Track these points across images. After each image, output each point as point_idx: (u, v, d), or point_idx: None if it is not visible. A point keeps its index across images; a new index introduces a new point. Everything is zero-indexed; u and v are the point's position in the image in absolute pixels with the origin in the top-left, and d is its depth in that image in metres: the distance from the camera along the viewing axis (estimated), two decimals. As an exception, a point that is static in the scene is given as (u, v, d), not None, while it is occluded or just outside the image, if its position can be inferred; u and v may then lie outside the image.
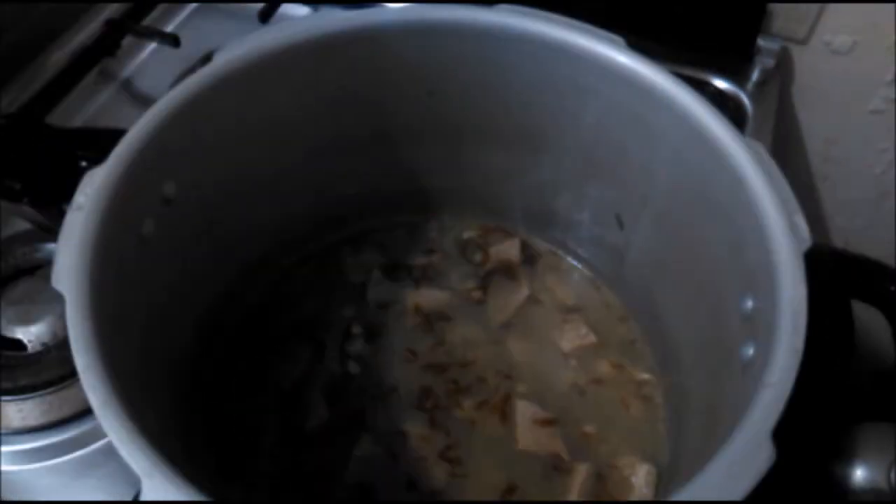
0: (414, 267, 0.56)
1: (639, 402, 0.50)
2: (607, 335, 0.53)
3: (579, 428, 0.49)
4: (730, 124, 0.41)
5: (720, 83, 0.68)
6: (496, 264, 0.56)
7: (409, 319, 0.54)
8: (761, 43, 0.68)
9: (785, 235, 0.37)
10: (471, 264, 0.57)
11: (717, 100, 0.66)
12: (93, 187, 0.37)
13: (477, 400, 0.50)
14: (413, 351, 0.52)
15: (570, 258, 0.57)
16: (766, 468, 0.30)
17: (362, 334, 0.53)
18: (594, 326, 0.53)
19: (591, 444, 0.48)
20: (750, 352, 0.37)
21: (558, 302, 0.55)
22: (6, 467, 0.48)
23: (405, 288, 0.55)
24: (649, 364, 0.52)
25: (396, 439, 0.48)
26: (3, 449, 0.48)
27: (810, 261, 0.36)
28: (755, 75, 0.68)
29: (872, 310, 0.51)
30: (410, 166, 0.55)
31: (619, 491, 0.46)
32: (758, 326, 0.37)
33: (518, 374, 0.51)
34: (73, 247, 0.35)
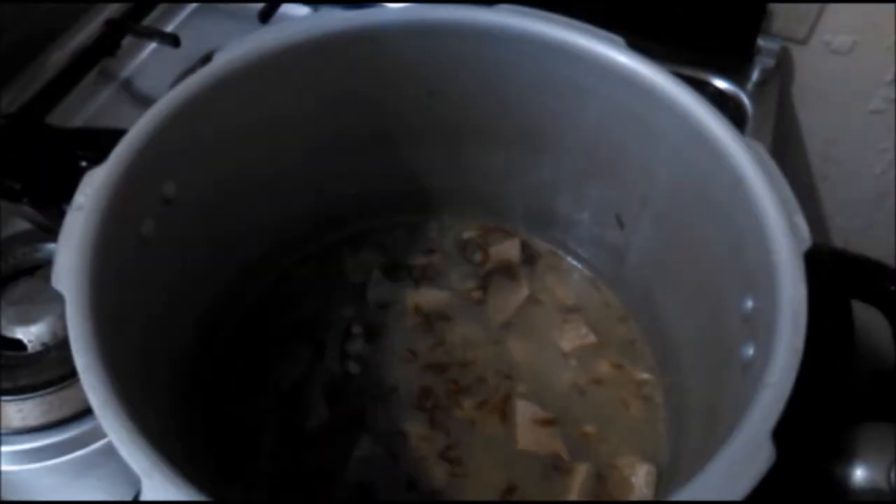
0: (414, 267, 0.56)
1: (639, 402, 0.50)
2: (607, 335, 0.53)
3: (579, 428, 0.49)
4: (730, 124, 0.41)
5: (720, 83, 0.68)
6: (496, 264, 0.56)
7: (409, 319, 0.54)
8: (761, 43, 0.68)
9: (785, 235, 0.37)
10: (471, 264, 0.57)
11: (717, 100, 0.66)
12: (93, 187, 0.37)
13: (477, 400, 0.50)
14: (413, 351, 0.52)
15: (570, 258, 0.57)
16: (766, 468, 0.30)
17: (362, 334, 0.53)
18: (594, 326, 0.53)
19: (591, 444, 0.48)
20: (750, 352, 0.37)
21: (558, 302, 0.55)
22: (6, 467, 0.48)
23: (405, 288, 0.55)
24: (649, 364, 0.52)
25: (396, 439, 0.48)
26: (3, 449, 0.48)
27: (810, 261, 0.36)
28: (755, 75, 0.68)
29: (872, 310, 0.51)
30: (410, 166, 0.55)
31: (619, 491, 0.46)
32: (758, 326, 0.37)
33: (518, 374, 0.51)
34: (73, 247, 0.35)
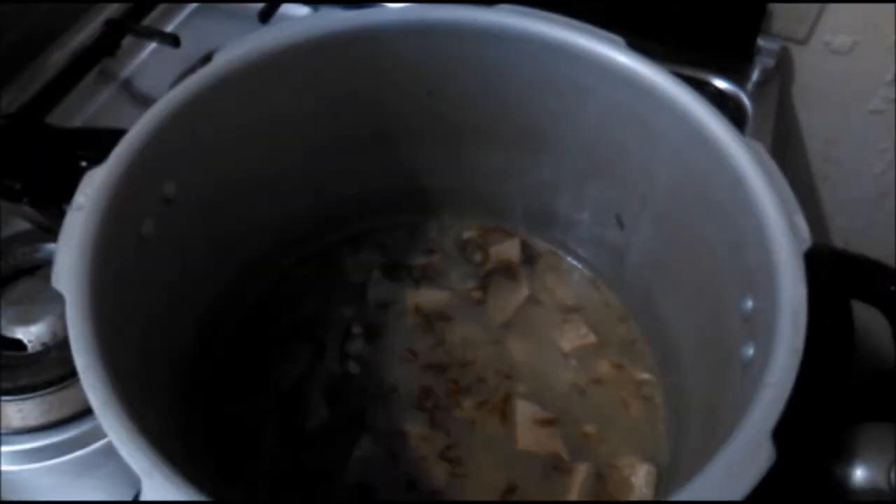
0: (414, 267, 0.56)
1: (639, 402, 0.50)
2: (607, 335, 0.53)
3: (579, 428, 0.49)
4: (730, 124, 0.41)
5: (720, 83, 0.68)
6: (496, 264, 0.56)
7: (409, 319, 0.54)
8: (761, 43, 0.68)
9: (785, 235, 0.37)
10: (471, 264, 0.57)
11: (717, 100, 0.66)
12: (93, 187, 0.37)
13: (477, 400, 0.50)
14: (413, 351, 0.52)
15: (570, 258, 0.57)
16: (766, 468, 0.30)
17: (362, 334, 0.53)
18: (594, 326, 0.53)
19: (591, 444, 0.48)
20: (750, 352, 0.37)
21: (558, 302, 0.55)
22: (6, 467, 0.48)
23: (405, 288, 0.55)
24: (649, 364, 0.52)
25: (396, 439, 0.48)
26: (3, 449, 0.48)
27: (810, 261, 0.36)
28: (755, 75, 0.68)
29: (872, 310, 0.51)
30: (410, 166, 0.55)
31: (619, 491, 0.46)
32: (758, 326, 0.37)
33: (518, 374, 0.51)
34: (73, 247, 0.35)
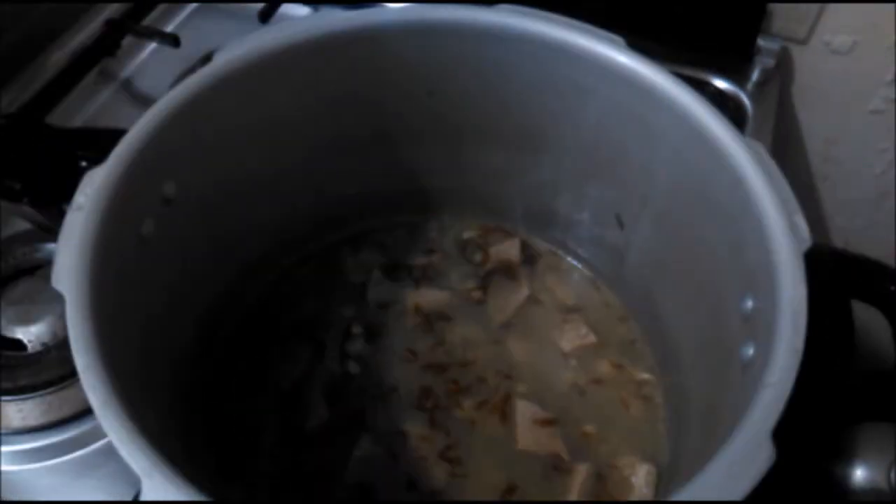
0: (414, 267, 0.56)
1: (639, 402, 0.50)
2: (607, 335, 0.53)
3: (579, 428, 0.49)
4: (730, 124, 0.41)
5: (720, 83, 0.68)
6: (496, 264, 0.56)
7: (409, 319, 0.54)
8: (761, 43, 0.68)
9: (785, 235, 0.37)
10: (471, 264, 0.57)
11: (717, 100, 0.66)
12: (93, 187, 0.37)
13: (477, 400, 0.50)
14: (413, 351, 0.52)
15: (570, 258, 0.57)
16: (766, 468, 0.30)
17: (362, 334, 0.53)
18: (594, 326, 0.53)
19: (591, 444, 0.48)
20: (750, 352, 0.37)
21: (558, 302, 0.55)
22: (6, 467, 0.48)
23: (405, 288, 0.55)
24: (649, 364, 0.52)
25: (396, 439, 0.48)
26: (3, 449, 0.48)
27: (810, 261, 0.36)
28: (755, 75, 0.68)
29: (872, 310, 0.51)
30: (410, 166, 0.55)
31: (619, 491, 0.46)
32: (758, 326, 0.37)
33: (518, 374, 0.51)
34: (73, 247, 0.35)
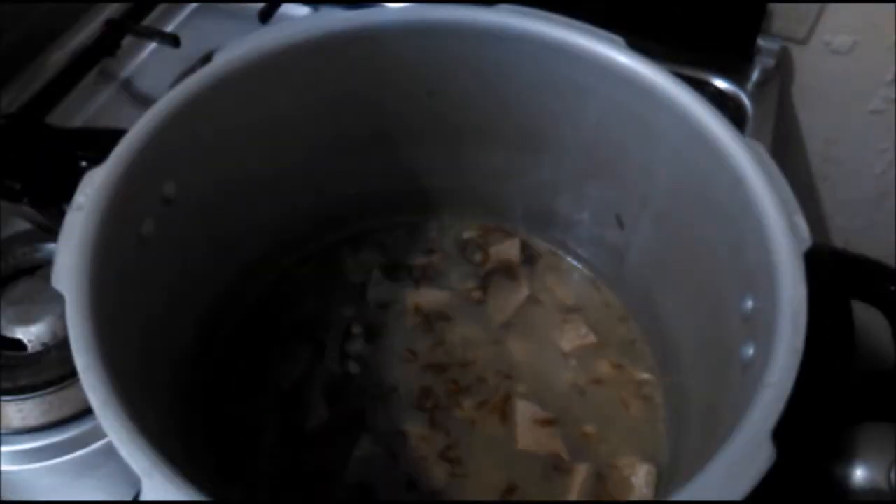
0: (414, 267, 0.56)
1: (639, 402, 0.50)
2: (607, 335, 0.53)
3: (579, 428, 0.49)
4: (730, 124, 0.41)
5: (720, 83, 0.68)
6: (496, 264, 0.56)
7: (409, 319, 0.54)
8: (761, 43, 0.68)
9: (785, 235, 0.37)
10: (471, 264, 0.57)
11: (717, 100, 0.66)
12: (93, 187, 0.37)
13: (477, 400, 0.50)
14: (413, 351, 0.52)
15: (570, 258, 0.57)
16: (766, 468, 0.30)
17: (362, 334, 0.53)
18: (594, 326, 0.53)
19: (591, 444, 0.48)
20: (750, 352, 0.37)
21: (558, 302, 0.55)
22: (6, 467, 0.48)
23: (405, 288, 0.55)
24: (649, 364, 0.52)
25: (396, 439, 0.48)
26: (3, 449, 0.48)
27: (810, 261, 0.36)
28: (755, 75, 0.68)
29: (872, 310, 0.51)
30: (410, 166, 0.55)
31: (619, 491, 0.46)
32: (758, 326, 0.37)
33: (518, 374, 0.51)
34: (73, 247, 0.35)
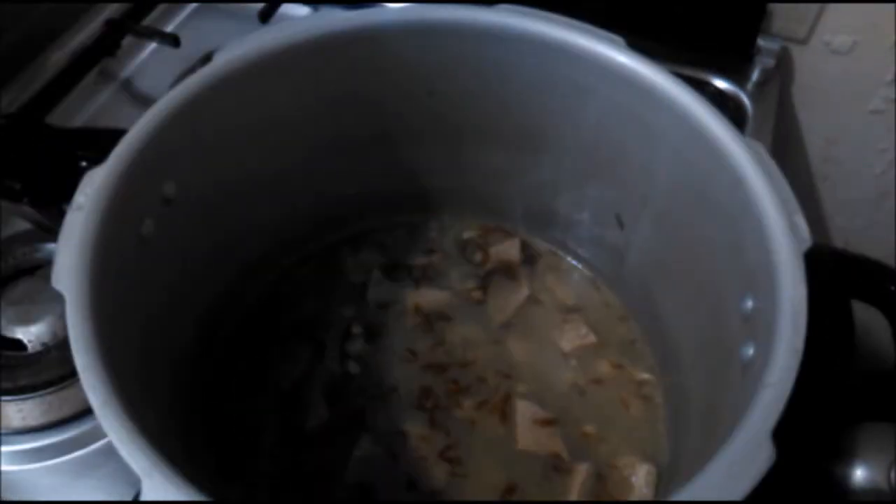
0: (414, 267, 0.56)
1: (639, 402, 0.50)
2: (607, 335, 0.53)
3: (579, 428, 0.49)
4: (730, 124, 0.41)
5: (720, 83, 0.68)
6: (496, 264, 0.56)
7: (409, 319, 0.54)
8: (761, 43, 0.68)
9: (785, 235, 0.37)
10: (471, 264, 0.57)
11: (717, 100, 0.66)
12: (93, 187, 0.37)
13: (477, 400, 0.50)
14: (413, 351, 0.52)
15: (570, 258, 0.57)
16: (766, 468, 0.30)
17: (362, 334, 0.53)
18: (594, 326, 0.53)
19: (591, 444, 0.48)
20: (750, 352, 0.37)
21: (558, 302, 0.55)
22: (6, 467, 0.48)
23: (405, 288, 0.55)
24: (649, 364, 0.52)
25: (396, 439, 0.48)
26: (3, 449, 0.48)
27: (810, 261, 0.36)
28: (755, 75, 0.68)
29: (872, 310, 0.51)
30: (410, 166, 0.55)
31: (619, 491, 0.46)
32: (758, 326, 0.37)
33: (518, 374, 0.51)
34: (73, 247, 0.35)
